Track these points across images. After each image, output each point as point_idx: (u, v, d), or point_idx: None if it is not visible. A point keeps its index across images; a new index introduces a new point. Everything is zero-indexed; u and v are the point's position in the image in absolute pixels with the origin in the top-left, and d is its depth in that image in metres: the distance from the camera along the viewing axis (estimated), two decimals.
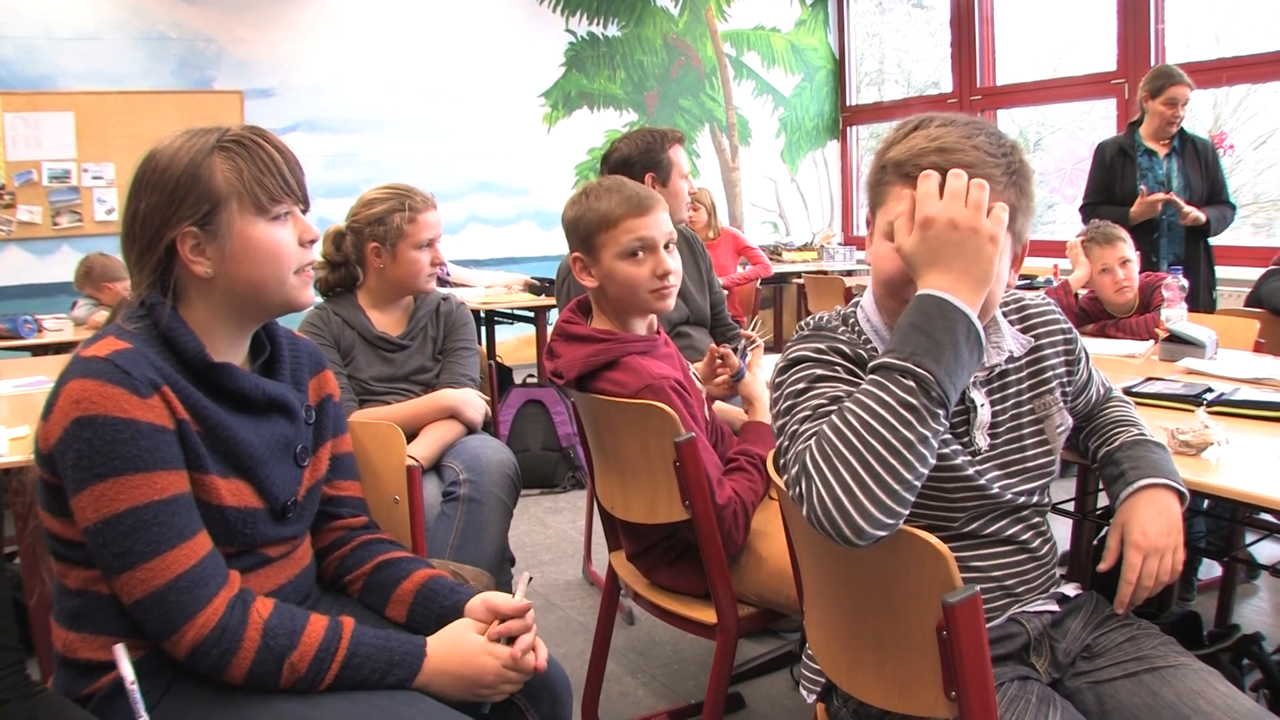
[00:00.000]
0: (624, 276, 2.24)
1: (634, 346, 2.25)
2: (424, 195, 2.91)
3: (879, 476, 1.27)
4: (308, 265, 1.57)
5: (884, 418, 1.28)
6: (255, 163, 1.49)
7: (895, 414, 1.28)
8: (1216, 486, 1.77)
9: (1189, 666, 1.52)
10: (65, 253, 6.64)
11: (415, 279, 2.87)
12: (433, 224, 2.88)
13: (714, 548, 2.17)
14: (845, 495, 1.27)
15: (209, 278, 1.48)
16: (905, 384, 1.29)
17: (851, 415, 1.30)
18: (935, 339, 1.30)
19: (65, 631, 1.46)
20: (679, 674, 3.10)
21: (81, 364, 1.38)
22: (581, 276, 2.29)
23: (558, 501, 4.93)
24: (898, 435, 1.28)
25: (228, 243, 1.48)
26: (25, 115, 6.55)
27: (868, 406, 1.30)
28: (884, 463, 1.27)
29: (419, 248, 2.84)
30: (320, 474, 1.69)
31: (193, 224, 1.46)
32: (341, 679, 1.45)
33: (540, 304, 5.72)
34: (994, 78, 8.12)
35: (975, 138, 1.41)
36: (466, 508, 2.59)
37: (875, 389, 1.31)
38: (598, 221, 2.24)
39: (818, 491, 1.29)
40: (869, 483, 1.26)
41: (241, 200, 1.48)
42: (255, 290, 1.51)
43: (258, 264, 1.50)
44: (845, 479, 1.27)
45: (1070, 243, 3.91)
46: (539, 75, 8.30)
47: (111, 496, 1.35)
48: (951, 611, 1.26)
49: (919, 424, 1.28)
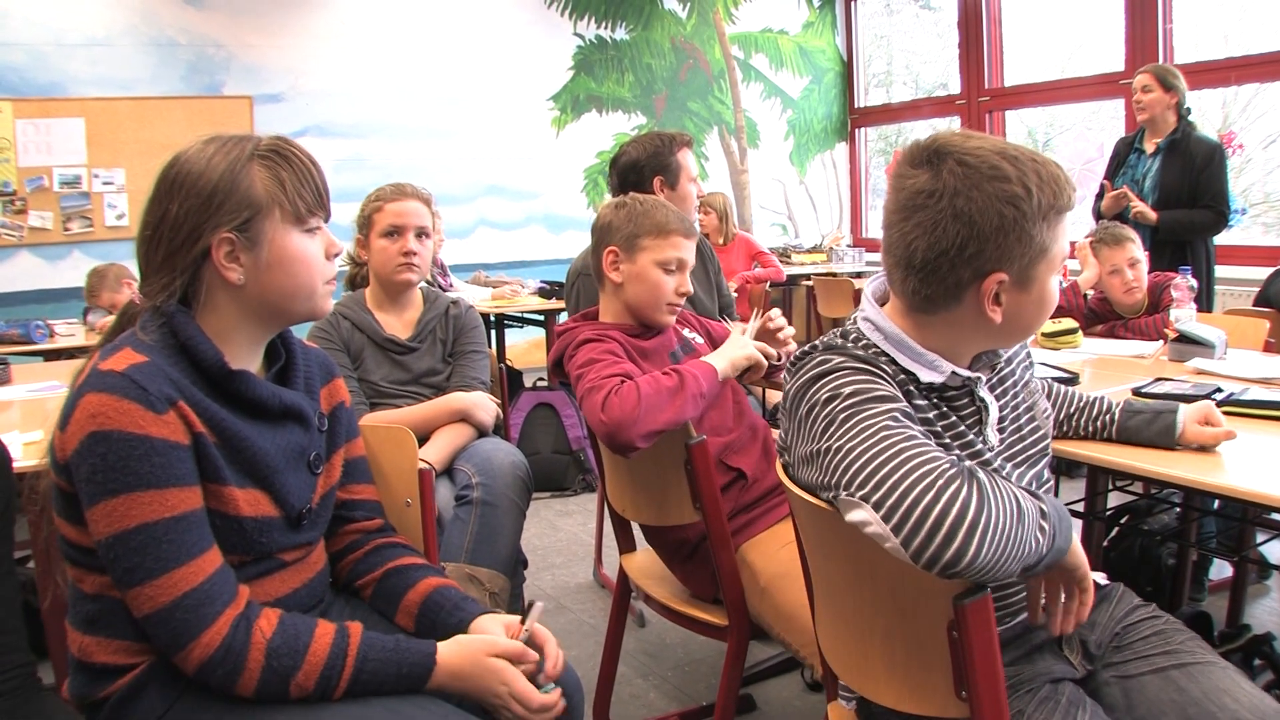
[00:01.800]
0: (653, 282, 2.38)
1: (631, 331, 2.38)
2: (400, 186, 2.91)
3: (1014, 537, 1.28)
4: (333, 278, 1.59)
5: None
6: (295, 174, 1.51)
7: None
8: (1227, 486, 1.77)
9: (1216, 664, 1.53)
10: (76, 258, 6.66)
11: (384, 268, 2.86)
12: (400, 212, 2.84)
13: (725, 550, 2.18)
14: (1002, 540, 1.26)
15: (239, 285, 1.49)
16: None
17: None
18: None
19: (80, 635, 1.47)
20: (690, 676, 3.11)
21: (99, 377, 1.38)
22: (609, 269, 2.39)
23: (568, 504, 4.94)
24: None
25: (264, 252, 1.49)
26: (36, 121, 6.57)
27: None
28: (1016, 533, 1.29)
29: (386, 235, 2.84)
30: (334, 481, 1.69)
31: (231, 230, 1.46)
32: (351, 692, 1.45)
33: (550, 308, 5.73)
34: (1002, 79, 8.11)
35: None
36: (480, 511, 2.59)
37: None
38: (651, 226, 2.37)
39: (976, 529, 1.26)
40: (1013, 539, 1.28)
41: (283, 210, 1.49)
42: (286, 299, 1.53)
43: (292, 274, 1.51)
44: (1002, 531, 1.27)
45: (1079, 243, 3.91)
46: (547, 79, 8.31)
47: (124, 512, 1.36)
48: (962, 611, 1.27)
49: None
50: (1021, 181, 1.43)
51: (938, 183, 1.45)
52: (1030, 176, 1.43)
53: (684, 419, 2.11)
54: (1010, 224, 1.43)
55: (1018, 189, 1.42)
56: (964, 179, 1.43)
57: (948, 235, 1.43)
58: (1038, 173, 1.44)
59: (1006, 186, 1.42)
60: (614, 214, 2.42)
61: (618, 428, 2.05)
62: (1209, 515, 3.24)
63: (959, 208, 1.43)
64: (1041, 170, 1.45)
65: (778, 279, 6.96)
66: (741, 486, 2.37)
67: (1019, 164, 1.44)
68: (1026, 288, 1.48)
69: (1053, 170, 1.46)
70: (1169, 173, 4.74)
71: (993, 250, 1.44)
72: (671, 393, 2.11)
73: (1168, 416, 1.94)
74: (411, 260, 2.85)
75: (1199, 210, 4.67)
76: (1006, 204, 1.42)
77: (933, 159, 1.47)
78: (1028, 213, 1.43)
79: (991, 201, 1.42)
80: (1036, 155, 1.48)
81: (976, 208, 1.42)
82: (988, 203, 1.42)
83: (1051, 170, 1.46)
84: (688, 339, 2.55)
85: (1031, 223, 1.44)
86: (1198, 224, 4.69)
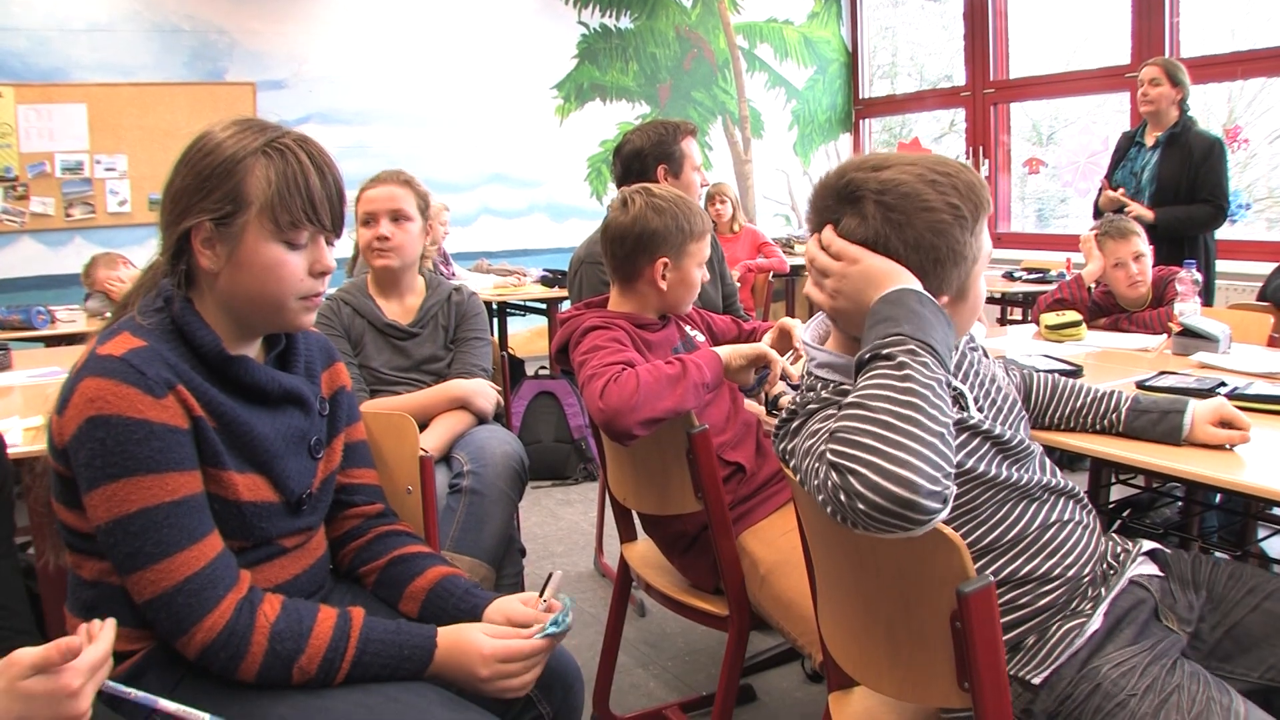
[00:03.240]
0: (693, 283, 2.43)
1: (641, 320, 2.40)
2: (382, 173, 2.93)
3: (903, 428, 1.24)
4: (315, 296, 1.54)
5: (881, 388, 1.29)
6: (288, 182, 1.46)
7: (891, 383, 1.29)
8: (1230, 481, 1.77)
9: None
10: (78, 244, 6.66)
11: (366, 255, 2.90)
12: (371, 199, 2.86)
13: (726, 539, 2.18)
14: (886, 460, 1.22)
15: (213, 273, 1.47)
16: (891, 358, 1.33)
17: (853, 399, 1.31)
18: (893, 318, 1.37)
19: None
20: (690, 666, 3.11)
21: (97, 362, 1.37)
22: (658, 279, 2.37)
23: (569, 493, 4.94)
24: (900, 392, 1.28)
25: (238, 249, 1.46)
26: (38, 107, 6.55)
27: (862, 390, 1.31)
28: (902, 416, 1.25)
29: (364, 224, 2.87)
30: (334, 466, 1.69)
31: (211, 218, 1.44)
32: (352, 676, 1.45)
33: (552, 296, 5.73)
34: (1007, 71, 8.08)
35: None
36: (468, 499, 2.58)
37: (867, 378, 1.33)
38: (695, 232, 2.39)
39: (857, 471, 1.22)
40: (900, 439, 1.23)
41: (262, 213, 1.45)
42: (251, 302, 1.50)
43: (259, 279, 1.48)
44: (881, 442, 1.23)
45: (1084, 236, 3.90)
46: (551, 67, 8.29)
47: (123, 497, 1.35)
48: (965, 601, 1.26)
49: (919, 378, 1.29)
50: (946, 203, 1.46)
51: (866, 230, 1.47)
52: (951, 193, 1.46)
53: (684, 408, 2.11)
54: (946, 254, 1.46)
55: (945, 216, 1.45)
56: (887, 221, 1.46)
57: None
58: (955, 187, 1.47)
59: (934, 216, 1.45)
60: (658, 220, 2.34)
61: (616, 415, 2.05)
62: (1211, 509, 3.24)
63: (893, 250, 1.46)
64: (958, 182, 1.48)
65: (781, 270, 6.96)
66: (740, 479, 2.37)
67: (938, 185, 1.46)
68: (964, 297, 1.54)
69: (967, 178, 1.49)
70: (1167, 166, 4.73)
71: (934, 281, 1.47)
72: (672, 381, 2.10)
73: (1175, 418, 1.94)
74: (384, 245, 2.84)
75: (1197, 205, 4.66)
76: (939, 235, 1.45)
77: (850, 199, 1.49)
78: (959, 236, 1.47)
79: (924, 235, 1.45)
80: (948, 165, 1.50)
81: (909, 246, 1.46)
82: (920, 237, 1.45)
83: (966, 178, 1.49)
84: (690, 335, 2.54)
85: (963, 243, 1.47)
86: (1196, 219, 4.68)
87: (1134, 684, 1.44)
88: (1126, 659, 1.48)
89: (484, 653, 1.49)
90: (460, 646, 1.50)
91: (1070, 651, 1.50)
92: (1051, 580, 1.54)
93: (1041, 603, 1.53)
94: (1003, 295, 5.98)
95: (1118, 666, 1.47)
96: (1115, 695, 1.44)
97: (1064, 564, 1.56)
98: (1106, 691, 1.45)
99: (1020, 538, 1.54)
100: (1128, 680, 1.45)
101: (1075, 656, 1.50)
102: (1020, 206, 8.39)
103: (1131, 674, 1.46)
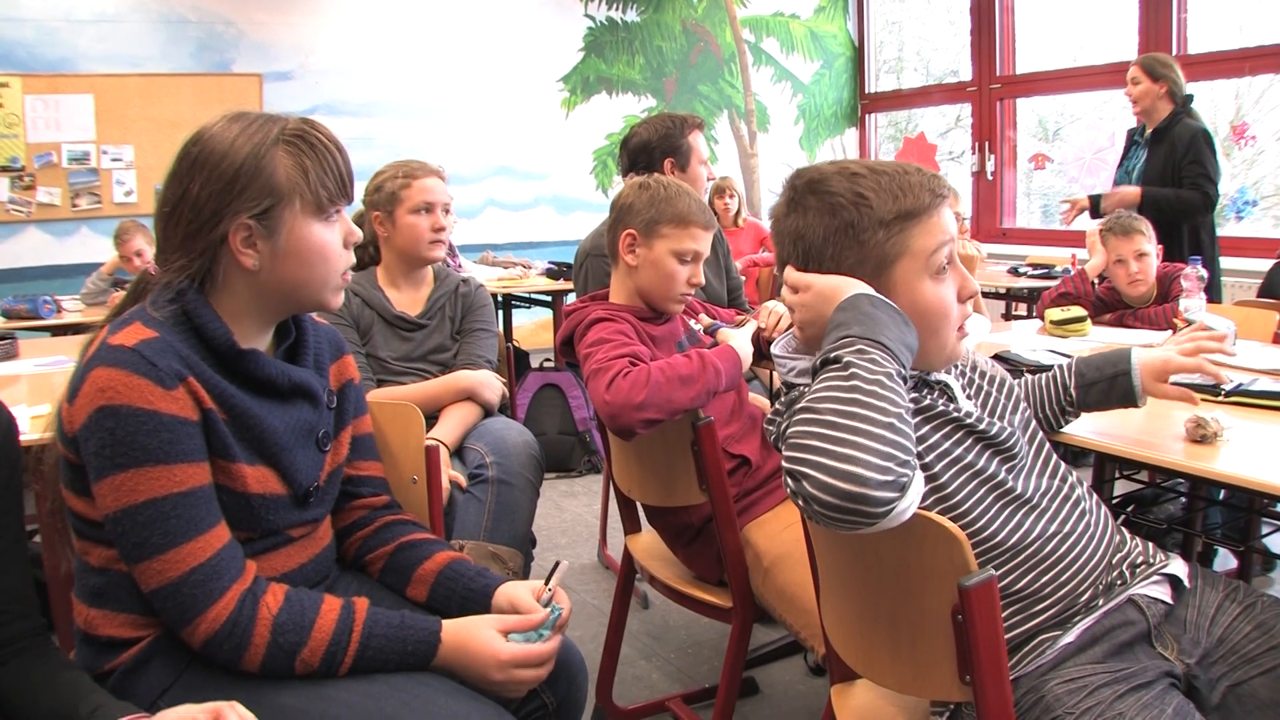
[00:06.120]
0: (667, 271, 2.37)
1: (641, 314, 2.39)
2: (423, 164, 2.93)
3: (852, 426, 1.23)
4: (348, 269, 1.58)
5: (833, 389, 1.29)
6: (319, 163, 1.49)
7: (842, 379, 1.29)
8: (1233, 477, 1.76)
9: None
10: (84, 234, 6.68)
11: (417, 245, 2.88)
12: (430, 189, 2.87)
13: (731, 531, 2.18)
14: (832, 459, 1.21)
15: (255, 270, 1.48)
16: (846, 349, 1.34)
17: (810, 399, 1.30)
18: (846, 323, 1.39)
19: (86, 608, 1.48)
20: (693, 658, 3.11)
21: (108, 352, 1.37)
22: (625, 251, 2.38)
23: (573, 485, 4.95)
24: (847, 389, 1.27)
25: (281, 241, 1.47)
26: (45, 97, 6.57)
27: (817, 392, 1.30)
28: (852, 414, 1.24)
29: (416, 212, 2.85)
30: (341, 458, 1.70)
31: (250, 216, 1.44)
32: (356, 668, 1.46)
33: (558, 288, 5.73)
34: (1013, 66, 8.07)
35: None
36: (496, 490, 2.59)
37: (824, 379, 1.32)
38: (673, 215, 2.35)
39: (808, 474, 1.22)
40: (844, 435, 1.22)
41: (303, 199, 1.47)
42: (298, 289, 1.52)
43: (308, 265, 1.50)
44: (826, 442, 1.22)
45: (1089, 231, 3.89)
46: (557, 60, 8.29)
47: (131, 487, 1.36)
48: (966, 595, 1.26)
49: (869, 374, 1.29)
50: (854, 193, 1.49)
51: (794, 222, 1.55)
52: (870, 189, 1.49)
53: (691, 409, 2.11)
54: (849, 244, 1.50)
55: (846, 205, 1.50)
56: (801, 209, 1.54)
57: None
58: (880, 184, 1.49)
59: (833, 201, 1.51)
60: (637, 195, 2.38)
61: (620, 410, 2.05)
62: (1215, 505, 3.24)
63: (814, 243, 1.53)
64: (890, 181, 1.49)
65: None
66: (745, 472, 2.38)
67: (858, 179, 1.50)
68: (894, 299, 1.47)
69: (906, 180, 1.50)
70: (1153, 161, 4.68)
71: (857, 276, 1.50)
72: (685, 381, 2.10)
73: (1124, 381, 1.88)
74: (441, 235, 2.89)
75: (1185, 190, 4.56)
76: (845, 225, 1.50)
77: (789, 199, 1.58)
78: (864, 226, 1.48)
79: (829, 223, 1.51)
80: (889, 166, 1.52)
81: (823, 239, 1.51)
82: (827, 226, 1.51)
83: (905, 180, 1.50)
84: (695, 329, 2.55)
85: (872, 236, 1.49)
86: (1185, 201, 4.54)
87: (1077, 703, 1.40)
88: (1082, 676, 1.44)
89: (501, 658, 1.50)
90: (468, 642, 1.51)
91: (1039, 662, 1.47)
92: (1045, 598, 1.49)
93: (1033, 623, 1.49)
94: (1007, 290, 5.97)
95: (1069, 683, 1.43)
96: (1054, 710, 1.41)
97: (1060, 579, 1.51)
98: (1047, 705, 1.42)
99: (1018, 550, 1.50)
100: (1073, 698, 1.41)
101: (1039, 668, 1.47)
102: (1026, 202, 8.38)
103: (1079, 693, 1.41)
